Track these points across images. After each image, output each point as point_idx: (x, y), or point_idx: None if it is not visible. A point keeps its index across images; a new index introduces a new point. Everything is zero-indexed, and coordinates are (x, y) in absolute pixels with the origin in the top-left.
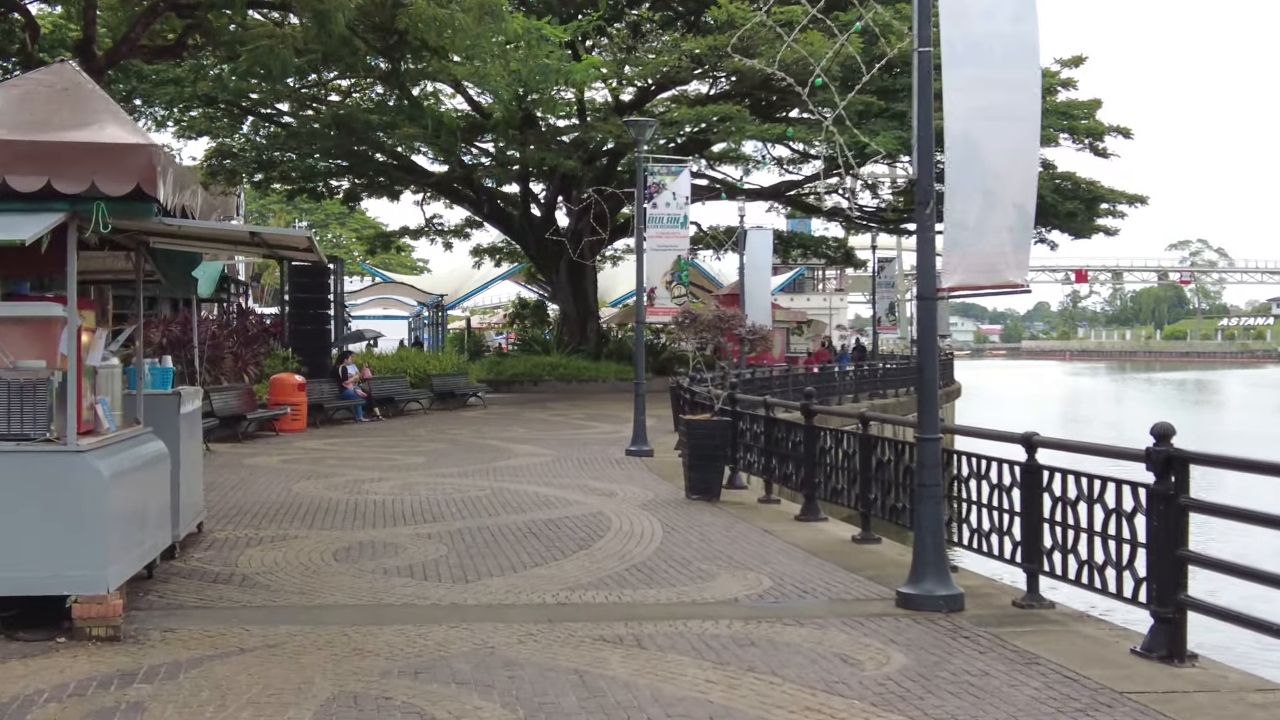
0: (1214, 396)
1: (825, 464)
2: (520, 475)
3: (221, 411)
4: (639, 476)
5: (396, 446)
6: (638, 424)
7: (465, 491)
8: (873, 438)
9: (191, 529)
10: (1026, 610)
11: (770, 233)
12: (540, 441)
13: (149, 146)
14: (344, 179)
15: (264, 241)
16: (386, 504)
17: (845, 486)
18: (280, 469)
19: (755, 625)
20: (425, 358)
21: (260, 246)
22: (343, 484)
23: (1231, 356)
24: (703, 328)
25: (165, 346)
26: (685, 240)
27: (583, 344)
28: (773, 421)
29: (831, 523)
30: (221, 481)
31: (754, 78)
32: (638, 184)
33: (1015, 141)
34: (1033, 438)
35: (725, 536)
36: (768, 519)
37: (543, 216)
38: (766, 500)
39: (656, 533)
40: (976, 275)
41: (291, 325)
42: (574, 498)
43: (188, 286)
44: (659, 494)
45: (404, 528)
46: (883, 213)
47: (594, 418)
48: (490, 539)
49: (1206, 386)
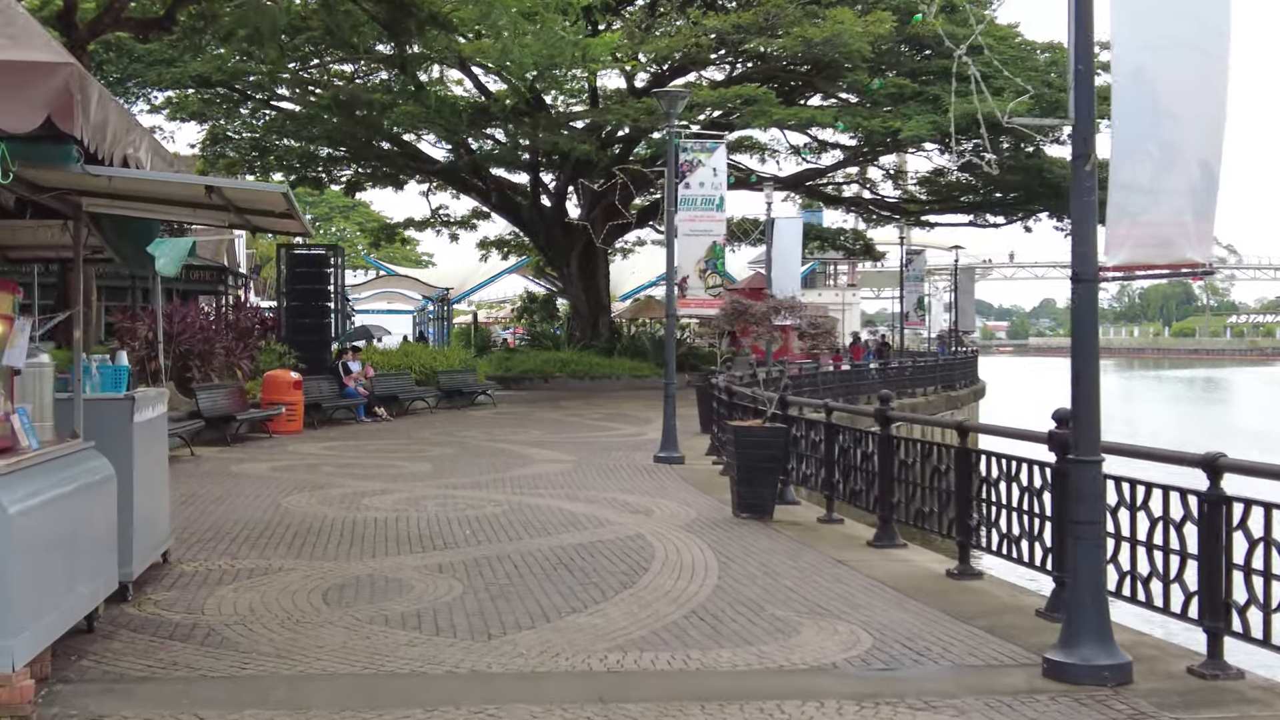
0: (1238, 395)
1: (906, 481)
2: (540, 486)
3: (209, 412)
4: (674, 489)
5: (401, 451)
6: (667, 428)
7: (479, 507)
8: (973, 452)
9: (155, 559)
10: (1211, 682)
11: (800, 221)
12: (558, 445)
13: (64, 66)
14: (346, 167)
15: (230, 202)
16: (389, 524)
17: (935, 510)
18: (270, 478)
19: (873, 710)
20: (431, 353)
21: (225, 210)
22: (339, 498)
23: (1241, 354)
24: (755, 320)
25: (151, 342)
26: (721, 224)
27: (594, 339)
28: (833, 429)
29: (912, 550)
30: (202, 494)
31: (779, 59)
32: (669, 162)
33: (1199, 78)
34: (1217, 460)
35: (793, 569)
36: (836, 545)
37: (553, 206)
38: (828, 520)
39: (710, 564)
40: (1148, 251)
41: (289, 318)
42: (605, 515)
43: (143, 264)
44: (701, 511)
45: (409, 556)
46: (905, 204)
47: (612, 418)
48: (513, 572)
49: (1224, 385)
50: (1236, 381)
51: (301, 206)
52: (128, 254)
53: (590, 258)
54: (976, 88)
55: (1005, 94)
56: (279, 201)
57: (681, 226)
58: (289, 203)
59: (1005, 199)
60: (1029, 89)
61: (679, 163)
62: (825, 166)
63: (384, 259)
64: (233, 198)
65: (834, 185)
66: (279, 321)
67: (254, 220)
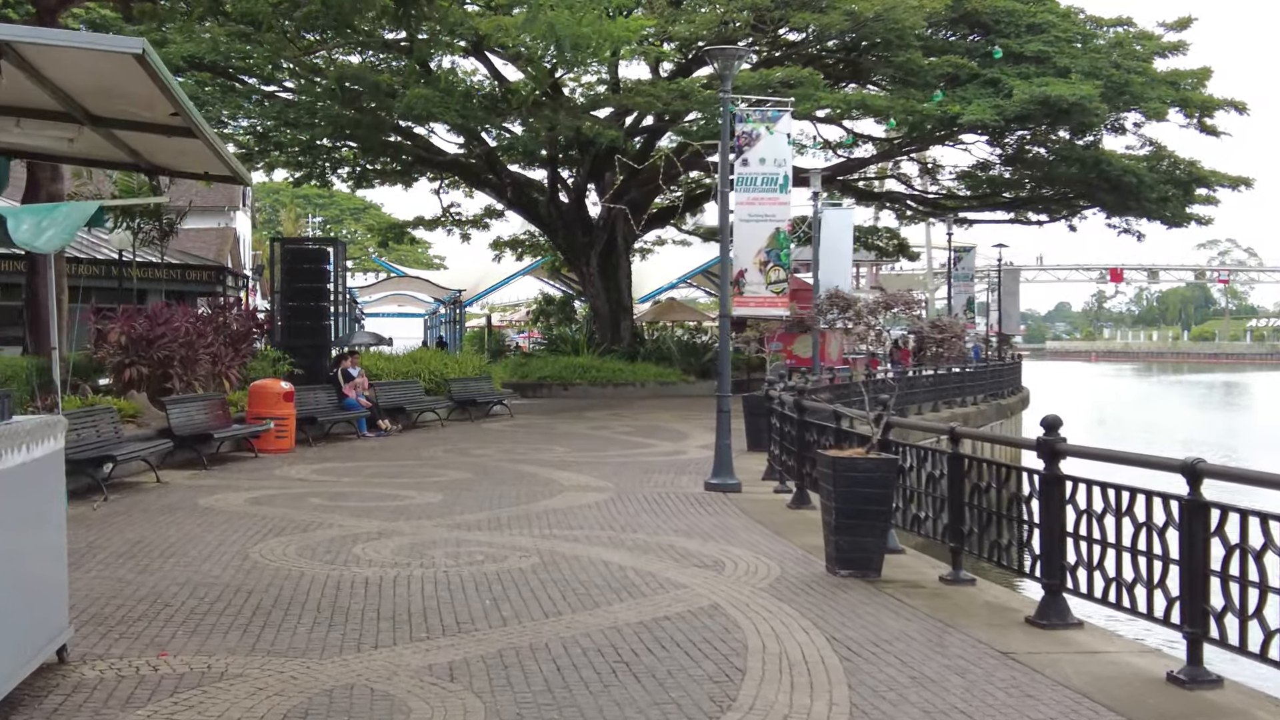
0: (1261, 400)
1: (1089, 538)
2: (575, 525)
3: (182, 430)
4: (739, 528)
5: (405, 475)
6: (721, 448)
7: (502, 559)
8: (1206, 504)
9: (50, 657)
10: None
11: (851, 212)
12: (588, 467)
13: None
14: (353, 162)
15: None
16: (384, 587)
17: (1146, 580)
18: (243, 516)
19: None
20: (442, 359)
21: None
22: (324, 545)
23: (1261, 358)
24: (868, 312)
25: (126, 347)
26: (786, 208)
27: (615, 343)
28: (960, 460)
29: (1091, 633)
30: (150, 541)
31: (819, 41)
32: (723, 132)
33: None
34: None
35: (948, 671)
36: (987, 623)
37: (572, 203)
38: (954, 579)
39: (830, 662)
40: None
41: (284, 320)
42: (664, 572)
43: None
44: (783, 563)
45: (408, 648)
46: (943, 200)
47: (643, 431)
48: (555, 678)
49: (1247, 389)
50: (1260, 386)
51: (311, 208)
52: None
53: (611, 257)
54: None
55: (1071, 76)
56: (137, 80)
57: (738, 211)
58: (149, 68)
59: (1054, 195)
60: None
61: (734, 136)
62: (863, 159)
63: (394, 261)
64: (52, 76)
65: (865, 180)
66: (272, 324)
67: (128, 140)
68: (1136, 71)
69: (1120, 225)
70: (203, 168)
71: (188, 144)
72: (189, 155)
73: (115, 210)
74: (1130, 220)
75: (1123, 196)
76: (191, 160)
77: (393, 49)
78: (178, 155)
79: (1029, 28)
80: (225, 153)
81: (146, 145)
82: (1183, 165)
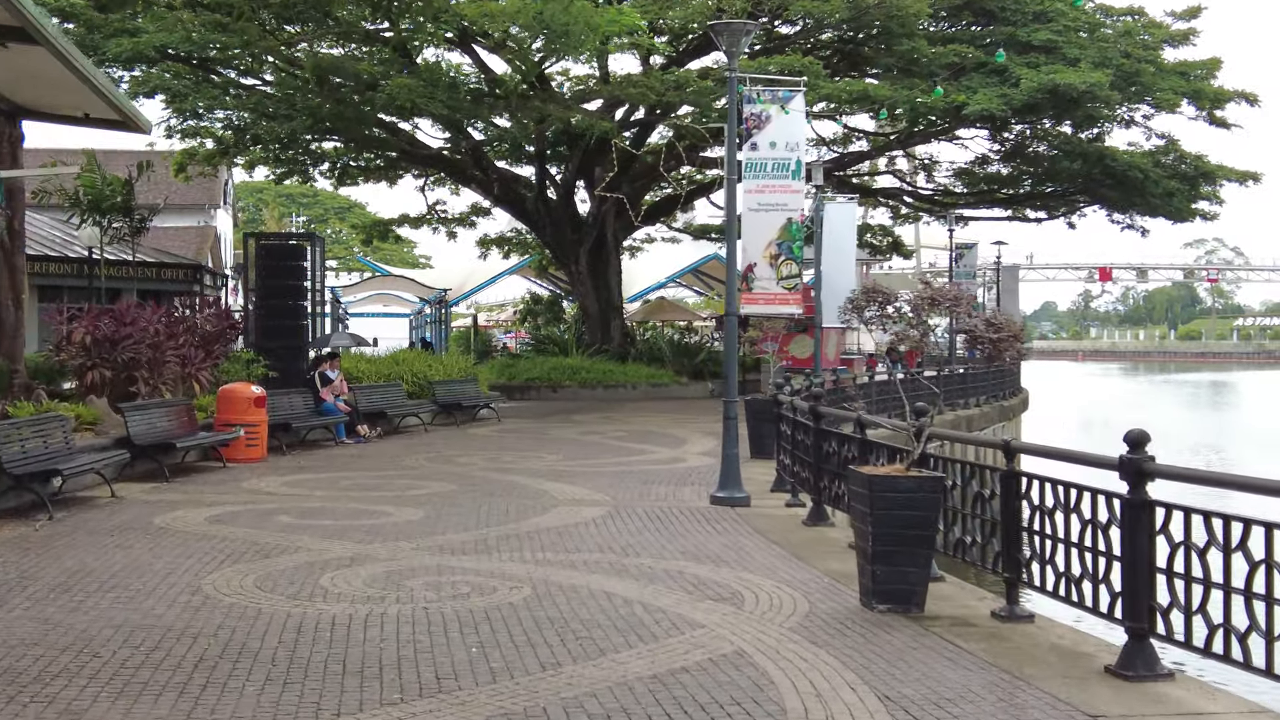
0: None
1: (1184, 575)
2: (571, 548)
3: (142, 439)
4: (755, 550)
5: (384, 487)
6: (728, 459)
7: (489, 592)
8: None
9: None
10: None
11: (854, 206)
12: (582, 478)
13: None
14: (333, 156)
15: None
16: (353, 630)
17: (1272, 634)
18: (201, 536)
19: None
20: (426, 361)
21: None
22: (289, 573)
23: (1248, 357)
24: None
25: (89, 348)
26: (799, 197)
27: (605, 343)
28: (1011, 478)
29: (1182, 684)
30: (91, 570)
31: (816, 31)
32: (730, 114)
33: None
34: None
35: None
36: (1061, 675)
37: (560, 199)
38: (1010, 617)
39: None
40: None
41: (258, 320)
42: (676, 607)
43: None
44: (810, 595)
45: (376, 715)
46: (939, 197)
47: (637, 436)
48: None
49: (1236, 388)
50: (1247, 385)
51: (295, 207)
52: None
53: (601, 254)
54: None
55: (1080, 65)
56: None
57: (747, 200)
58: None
59: (1055, 191)
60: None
61: (743, 118)
62: (859, 153)
63: (379, 260)
64: None
65: (859, 176)
66: (246, 323)
67: None
68: (1147, 61)
69: (1124, 221)
70: (81, 108)
71: (40, 64)
72: (61, 91)
73: (81, 207)
74: (1134, 216)
75: (1127, 192)
76: (66, 98)
77: (375, 40)
78: (50, 90)
79: (1036, 16)
80: (101, 81)
81: None
82: (1189, 159)
